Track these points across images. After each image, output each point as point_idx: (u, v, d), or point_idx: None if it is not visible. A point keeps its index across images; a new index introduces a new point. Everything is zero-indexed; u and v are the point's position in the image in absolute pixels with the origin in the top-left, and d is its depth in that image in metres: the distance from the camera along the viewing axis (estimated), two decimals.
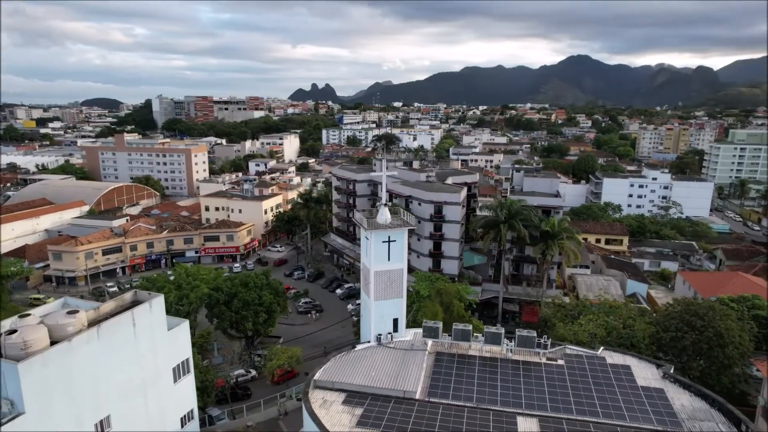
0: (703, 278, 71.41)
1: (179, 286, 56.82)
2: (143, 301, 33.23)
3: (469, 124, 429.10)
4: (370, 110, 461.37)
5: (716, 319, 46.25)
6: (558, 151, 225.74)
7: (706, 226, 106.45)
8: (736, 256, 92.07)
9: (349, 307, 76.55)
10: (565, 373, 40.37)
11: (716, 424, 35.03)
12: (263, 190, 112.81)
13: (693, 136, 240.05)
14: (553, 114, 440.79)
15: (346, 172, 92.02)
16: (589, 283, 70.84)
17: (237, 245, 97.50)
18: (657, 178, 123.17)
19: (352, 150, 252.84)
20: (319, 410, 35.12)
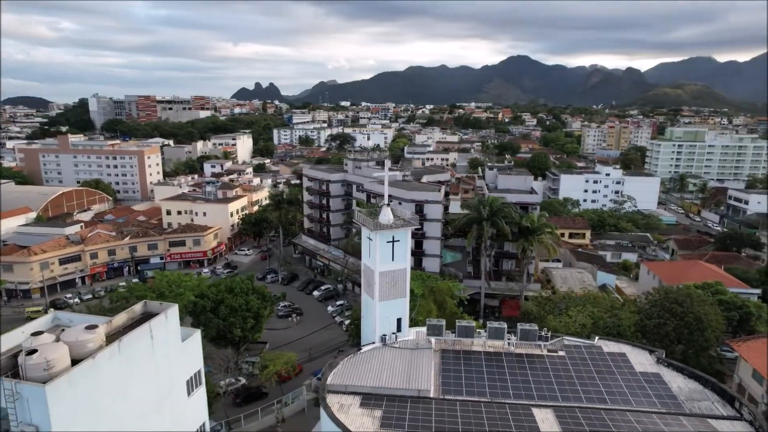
0: (665, 267, 75.82)
1: (161, 294, 54.29)
2: (154, 312, 31.56)
3: (419, 123, 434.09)
4: (319, 110, 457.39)
5: (694, 305, 49.38)
6: (510, 149, 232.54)
7: (657, 219, 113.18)
8: (687, 246, 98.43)
9: (329, 309, 75.81)
10: (568, 364, 41.89)
11: (712, 404, 37.45)
12: (227, 192, 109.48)
13: (632, 134, 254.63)
14: (500, 113, 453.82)
15: (319, 172, 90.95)
16: (563, 276, 73.71)
17: (204, 250, 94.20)
18: (610, 173, 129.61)
19: (306, 150, 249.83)
20: (339, 414, 34.69)
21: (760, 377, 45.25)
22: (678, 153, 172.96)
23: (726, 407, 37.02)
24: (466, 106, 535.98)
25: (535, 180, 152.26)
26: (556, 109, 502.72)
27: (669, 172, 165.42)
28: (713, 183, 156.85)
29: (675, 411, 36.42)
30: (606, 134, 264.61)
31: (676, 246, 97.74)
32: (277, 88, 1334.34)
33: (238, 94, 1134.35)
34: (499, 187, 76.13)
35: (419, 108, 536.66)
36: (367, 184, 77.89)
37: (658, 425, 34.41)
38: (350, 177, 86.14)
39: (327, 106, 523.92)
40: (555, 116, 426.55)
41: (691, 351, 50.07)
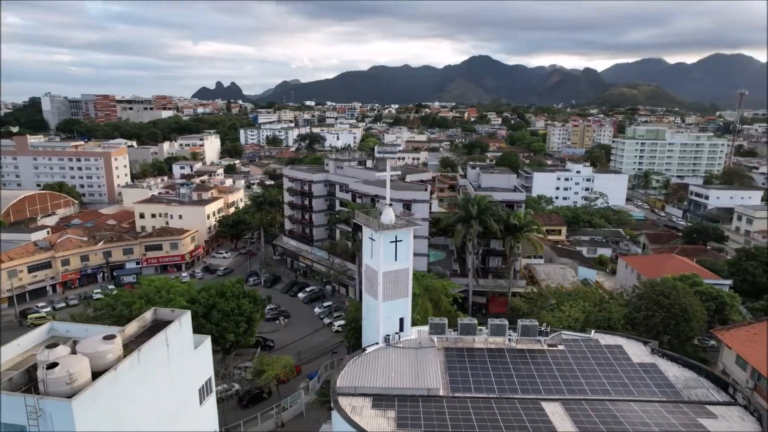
0: (643, 261, 78.57)
1: (149, 301, 52.54)
2: (165, 319, 30.62)
3: (386, 122, 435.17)
4: (285, 109, 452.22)
5: (680, 296, 51.46)
6: (479, 148, 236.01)
7: (627, 214, 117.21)
8: (657, 240, 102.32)
9: (317, 311, 75.16)
10: (569, 357, 42.88)
11: (707, 391, 39.09)
12: (202, 194, 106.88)
13: (595, 132, 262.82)
14: (466, 112, 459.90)
15: (300, 172, 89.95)
16: (547, 272, 75.40)
17: (182, 253, 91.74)
18: (580, 171, 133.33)
19: (275, 150, 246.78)
20: (354, 417, 34.44)
21: (744, 363, 47.52)
22: (641, 151, 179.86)
23: (720, 393, 38.71)
24: (431, 106, 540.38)
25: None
26: (519, 108, 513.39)
27: (633, 169, 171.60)
28: (674, 179, 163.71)
29: (674, 399, 37.85)
30: (570, 133, 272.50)
31: (648, 240, 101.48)
32: (239, 88, 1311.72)
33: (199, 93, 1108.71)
34: (483, 186, 77.19)
35: (385, 107, 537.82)
36: (352, 184, 77.58)
37: (661, 414, 35.68)
38: (333, 177, 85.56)
39: (292, 106, 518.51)
40: (519, 115, 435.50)
41: (676, 341, 52.09)
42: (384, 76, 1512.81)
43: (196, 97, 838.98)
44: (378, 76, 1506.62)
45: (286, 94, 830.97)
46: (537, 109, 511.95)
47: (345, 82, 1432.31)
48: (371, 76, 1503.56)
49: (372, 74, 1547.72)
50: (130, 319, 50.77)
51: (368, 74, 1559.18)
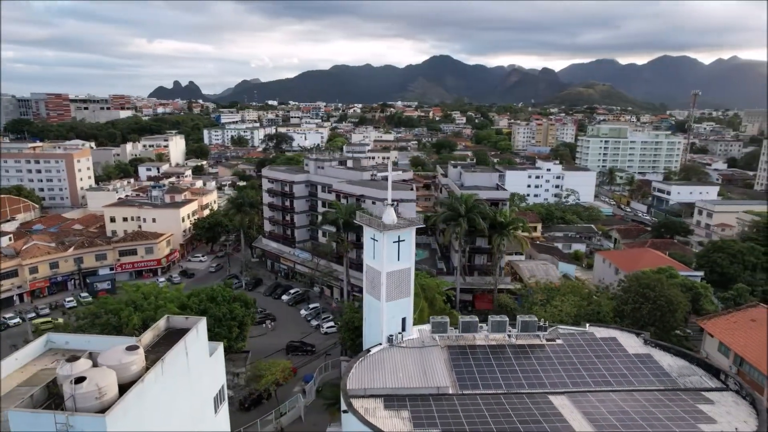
0: (619, 256, 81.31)
1: (138, 308, 50.73)
2: (178, 327, 29.61)
3: (351, 122, 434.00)
4: (249, 109, 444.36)
5: (664, 288, 53.58)
6: (447, 147, 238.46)
7: (597, 210, 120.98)
8: (628, 235, 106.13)
9: (303, 313, 74.30)
10: (568, 351, 44.01)
11: (701, 378, 40.91)
12: (175, 197, 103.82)
13: (558, 131, 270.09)
14: (431, 111, 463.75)
15: (280, 173, 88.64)
16: (530, 268, 76.95)
17: (158, 258, 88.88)
18: (551, 169, 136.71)
19: (241, 151, 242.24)
20: (368, 419, 34.27)
21: (726, 350, 49.91)
22: (605, 148, 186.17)
23: (713, 380, 40.58)
24: (396, 105, 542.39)
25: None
26: (483, 107, 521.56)
27: (598, 166, 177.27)
28: (636, 176, 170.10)
29: (672, 387, 39.45)
30: (535, 131, 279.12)
31: (619, 235, 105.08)
32: (198, 87, 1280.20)
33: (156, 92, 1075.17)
34: (467, 185, 78.06)
35: (350, 107, 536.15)
36: (336, 185, 77.08)
37: (663, 402, 37.11)
38: (314, 178, 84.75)
39: (256, 106, 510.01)
40: (483, 114, 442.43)
41: (661, 332, 54.17)
42: (346, 75, 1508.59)
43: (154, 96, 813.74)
44: (340, 75, 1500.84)
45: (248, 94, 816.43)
46: (500, 108, 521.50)
47: (306, 81, 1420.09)
48: (333, 76, 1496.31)
49: (334, 73, 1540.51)
50: (117, 328, 49.32)
51: (330, 73, 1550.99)
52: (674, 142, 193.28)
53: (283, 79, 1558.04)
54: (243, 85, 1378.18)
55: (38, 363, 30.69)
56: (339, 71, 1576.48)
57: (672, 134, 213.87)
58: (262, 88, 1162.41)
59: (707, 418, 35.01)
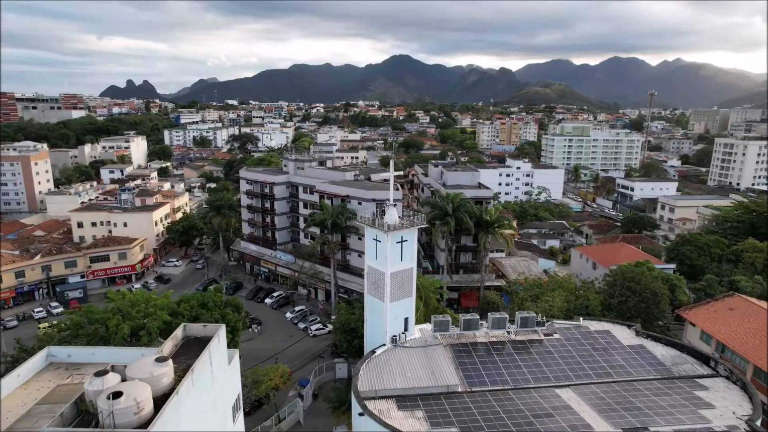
0: (596, 251, 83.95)
1: (127, 317, 48.81)
2: (196, 335, 28.72)
3: (314, 121, 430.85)
4: (209, 108, 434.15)
5: (649, 282, 55.79)
6: (415, 146, 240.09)
7: (567, 207, 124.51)
8: (598, 230, 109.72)
9: (289, 316, 73.30)
10: (566, 345, 45.18)
11: (692, 366, 42.81)
12: (146, 200, 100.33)
13: (521, 130, 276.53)
14: (395, 111, 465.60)
15: (260, 174, 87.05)
16: (512, 265, 78.48)
17: (132, 263, 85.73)
18: (520, 167, 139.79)
19: (205, 151, 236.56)
20: (386, 421, 34.18)
21: (708, 339, 52.38)
22: (569, 147, 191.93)
23: (704, 367, 42.55)
24: (358, 105, 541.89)
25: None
26: (445, 106, 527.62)
27: (562, 164, 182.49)
28: (599, 173, 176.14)
29: (668, 376, 41.14)
30: (499, 130, 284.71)
31: (590, 231, 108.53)
32: (152, 86, 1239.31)
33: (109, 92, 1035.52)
34: (449, 184, 78.79)
35: (313, 106, 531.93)
36: (320, 185, 76.40)
37: (663, 390, 38.66)
38: (295, 179, 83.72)
39: (216, 105, 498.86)
40: (446, 113, 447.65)
41: (646, 323, 56.37)
42: (305, 74, 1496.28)
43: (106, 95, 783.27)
44: (299, 74, 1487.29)
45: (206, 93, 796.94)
46: (462, 107, 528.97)
47: (265, 80, 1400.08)
48: (292, 75, 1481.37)
49: (293, 72, 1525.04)
50: (105, 338, 47.26)
51: (289, 73, 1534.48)
52: (633, 140, 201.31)
53: (242, 78, 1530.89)
54: (200, 85, 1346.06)
55: (41, 378, 29.21)
56: (298, 70, 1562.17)
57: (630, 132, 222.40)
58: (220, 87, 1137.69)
59: (706, 404, 36.70)
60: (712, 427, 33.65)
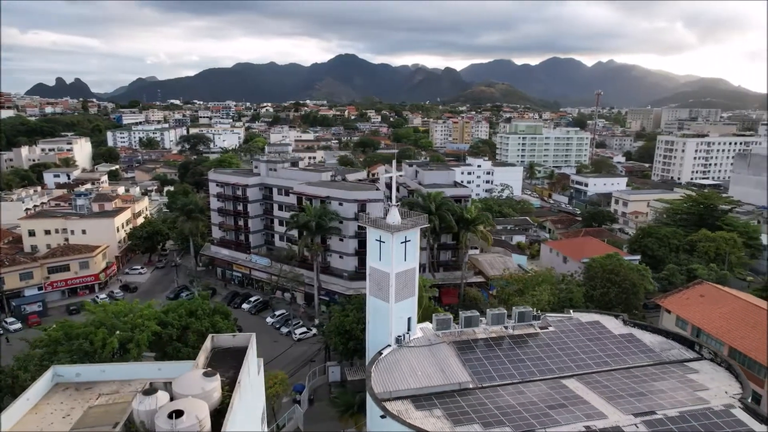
0: (565, 245, 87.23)
1: (112, 329, 46.20)
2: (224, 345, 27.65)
3: (264, 121, 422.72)
4: (153, 109, 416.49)
5: (628, 273, 58.64)
6: (371, 146, 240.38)
7: (528, 203, 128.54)
8: (560, 225, 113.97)
9: (269, 321, 71.73)
10: (562, 336, 46.83)
11: (679, 351, 45.46)
12: (104, 205, 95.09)
13: (473, 128, 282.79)
14: (346, 110, 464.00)
15: (231, 176, 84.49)
16: (489, 261, 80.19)
17: (95, 273, 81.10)
18: (481, 165, 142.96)
19: (154, 153, 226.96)
20: (410, 421, 34.16)
21: (683, 324, 55.67)
22: (523, 144, 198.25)
23: (689, 351, 45.29)
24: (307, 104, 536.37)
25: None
26: (396, 106, 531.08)
27: (517, 162, 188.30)
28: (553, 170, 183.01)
29: (659, 361, 43.50)
30: (452, 129, 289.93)
31: (553, 226, 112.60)
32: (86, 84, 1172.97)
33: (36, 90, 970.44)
34: (426, 183, 79.50)
35: (262, 106, 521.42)
36: (297, 187, 75.14)
37: (659, 375, 40.84)
38: (268, 180, 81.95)
39: (160, 105, 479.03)
40: (397, 113, 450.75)
41: (625, 312, 59.20)
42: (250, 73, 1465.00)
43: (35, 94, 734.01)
44: (243, 73, 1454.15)
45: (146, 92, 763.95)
46: (412, 106, 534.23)
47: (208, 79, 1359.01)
48: (236, 74, 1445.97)
49: (237, 71, 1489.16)
50: (89, 354, 44.52)
51: (233, 71, 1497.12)
52: (582, 138, 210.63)
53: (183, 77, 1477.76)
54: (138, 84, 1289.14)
55: (51, 401, 27.52)
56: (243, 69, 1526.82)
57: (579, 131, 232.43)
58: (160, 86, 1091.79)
59: (700, 386, 39.07)
60: (711, 407, 35.90)
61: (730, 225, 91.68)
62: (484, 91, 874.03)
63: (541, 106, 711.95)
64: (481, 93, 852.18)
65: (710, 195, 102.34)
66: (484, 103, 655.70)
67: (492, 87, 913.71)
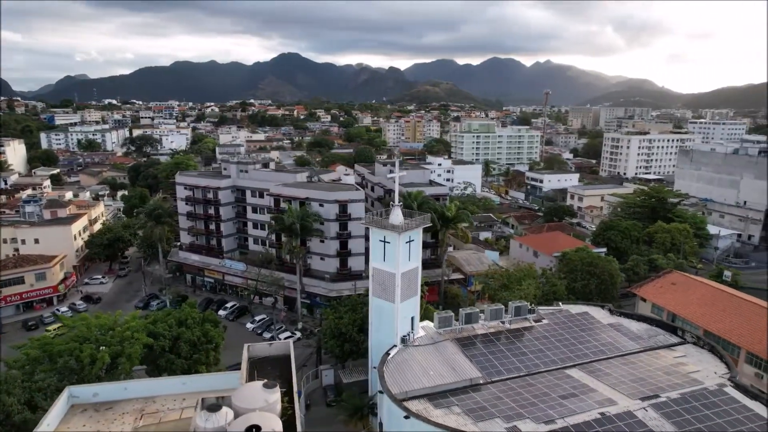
0: (535, 240, 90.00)
1: (101, 344, 43.50)
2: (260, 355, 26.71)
3: (210, 121, 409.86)
4: (89, 108, 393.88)
5: (606, 265, 61.43)
6: (325, 145, 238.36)
7: (490, 200, 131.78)
8: (523, 220, 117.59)
9: (250, 326, 69.80)
10: (556, 328, 48.47)
11: (664, 336, 48.15)
12: (57, 212, 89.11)
13: (425, 127, 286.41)
14: (295, 110, 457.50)
15: (202, 179, 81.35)
16: (466, 258, 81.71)
17: (53, 284, 75.95)
18: (441, 163, 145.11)
19: (96, 156, 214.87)
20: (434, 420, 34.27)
21: (659, 311, 58.99)
22: (477, 143, 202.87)
23: (673, 336, 48.07)
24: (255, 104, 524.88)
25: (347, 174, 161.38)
26: (346, 105, 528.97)
27: (472, 160, 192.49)
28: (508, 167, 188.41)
29: (649, 347, 45.91)
30: (404, 128, 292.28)
31: (516, 222, 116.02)
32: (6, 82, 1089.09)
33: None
34: (404, 182, 79.59)
35: (206, 106, 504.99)
36: (274, 188, 73.51)
37: (653, 361, 43.08)
38: (240, 182, 79.68)
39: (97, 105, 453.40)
40: (346, 112, 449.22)
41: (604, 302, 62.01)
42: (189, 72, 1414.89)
43: None
44: (183, 72, 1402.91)
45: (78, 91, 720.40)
46: (361, 105, 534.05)
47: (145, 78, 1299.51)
48: (175, 72, 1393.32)
49: (176, 70, 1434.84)
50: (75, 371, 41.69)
51: (171, 70, 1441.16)
52: (533, 136, 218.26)
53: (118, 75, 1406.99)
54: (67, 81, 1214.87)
55: (71, 424, 25.93)
56: (182, 68, 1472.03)
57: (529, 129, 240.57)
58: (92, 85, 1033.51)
59: (691, 369, 41.54)
60: (707, 387, 38.31)
61: (680, 217, 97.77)
62: (429, 90, 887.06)
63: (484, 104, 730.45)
64: (426, 92, 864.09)
65: (660, 189, 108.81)
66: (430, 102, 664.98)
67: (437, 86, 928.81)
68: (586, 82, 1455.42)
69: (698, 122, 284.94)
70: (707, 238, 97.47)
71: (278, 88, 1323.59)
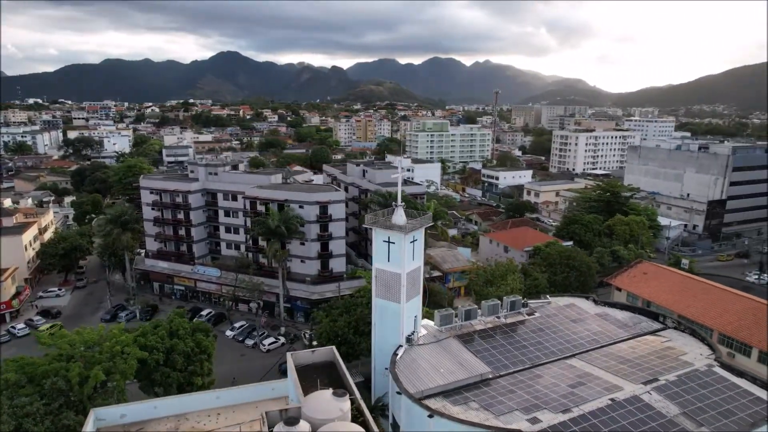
0: (505, 236, 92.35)
1: (91, 361, 40.77)
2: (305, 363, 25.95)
3: (151, 122, 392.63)
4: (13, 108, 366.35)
5: (584, 258, 64.12)
6: (277, 146, 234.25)
7: (452, 198, 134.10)
8: (485, 217, 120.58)
9: (229, 333, 67.66)
10: (549, 320, 50.17)
11: (647, 323, 50.91)
12: (2, 221, 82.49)
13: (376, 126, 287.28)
14: (241, 110, 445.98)
15: (170, 182, 77.75)
16: (442, 256, 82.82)
17: (7, 300, 70.34)
18: (403, 162, 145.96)
19: (29, 159, 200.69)
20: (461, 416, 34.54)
21: (634, 299, 62.29)
22: (431, 141, 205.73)
23: (655, 323, 50.89)
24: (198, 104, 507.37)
25: (321, 173, 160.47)
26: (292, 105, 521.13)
27: (427, 158, 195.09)
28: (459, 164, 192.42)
29: (636, 334, 48.39)
30: (355, 128, 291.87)
31: (480, 218, 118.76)
32: None
33: None
34: (379, 182, 79.57)
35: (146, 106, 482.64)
36: (250, 191, 71.53)
37: (642, 347, 45.44)
38: (211, 185, 76.97)
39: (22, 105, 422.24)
40: (294, 112, 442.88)
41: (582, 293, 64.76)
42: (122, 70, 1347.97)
43: None
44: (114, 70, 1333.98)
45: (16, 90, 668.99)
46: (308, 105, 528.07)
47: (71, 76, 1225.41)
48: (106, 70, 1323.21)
49: (106, 68, 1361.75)
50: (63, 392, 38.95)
51: (101, 68, 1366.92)
52: (485, 134, 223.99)
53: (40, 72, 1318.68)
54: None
55: None
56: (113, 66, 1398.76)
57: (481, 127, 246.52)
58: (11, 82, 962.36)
59: (679, 352, 44.22)
60: (698, 368, 40.89)
61: (634, 210, 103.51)
62: (374, 89, 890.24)
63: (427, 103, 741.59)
64: (370, 91, 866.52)
65: (614, 183, 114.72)
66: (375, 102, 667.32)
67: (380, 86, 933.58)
68: (524, 81, 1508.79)
69: (633, 120, 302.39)
70: (659, 228, 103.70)
71: (218, 87, 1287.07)
